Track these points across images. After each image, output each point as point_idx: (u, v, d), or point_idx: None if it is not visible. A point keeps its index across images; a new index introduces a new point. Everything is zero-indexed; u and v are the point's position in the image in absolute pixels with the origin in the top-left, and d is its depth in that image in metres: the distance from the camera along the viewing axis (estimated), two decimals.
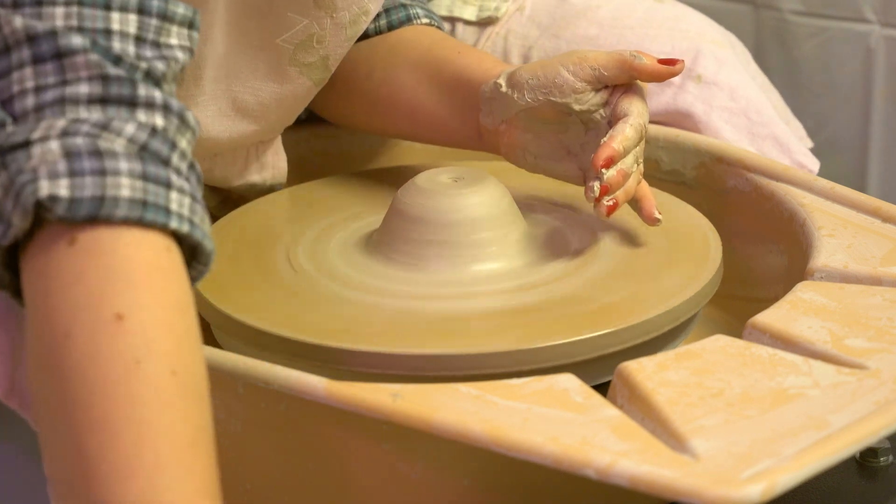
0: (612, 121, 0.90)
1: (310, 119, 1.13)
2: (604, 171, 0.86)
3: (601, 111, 0.91)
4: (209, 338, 0.91)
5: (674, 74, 0.89)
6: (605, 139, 0.87)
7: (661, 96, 1.10)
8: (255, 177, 1.02)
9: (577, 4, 1.16)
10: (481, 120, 0.95)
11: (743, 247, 1.00)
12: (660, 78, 0.89)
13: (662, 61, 0.89)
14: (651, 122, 1.10)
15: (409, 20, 1.04)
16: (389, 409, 0.71)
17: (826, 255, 0.87)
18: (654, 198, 0.91)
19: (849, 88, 1.55)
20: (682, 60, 0.89)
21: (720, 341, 0.77)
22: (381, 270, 0.90)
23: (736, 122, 1.10)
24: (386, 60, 1.02)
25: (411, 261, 0.90)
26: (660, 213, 0.90)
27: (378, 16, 1.03)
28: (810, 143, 1.26)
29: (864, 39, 1.52)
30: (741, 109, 1.10)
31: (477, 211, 0.90)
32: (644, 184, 0.91)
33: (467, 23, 1.19)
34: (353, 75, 1.04)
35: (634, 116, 0.88)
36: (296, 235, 0.95)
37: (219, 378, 0.78)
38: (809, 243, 0.90)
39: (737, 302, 0.99)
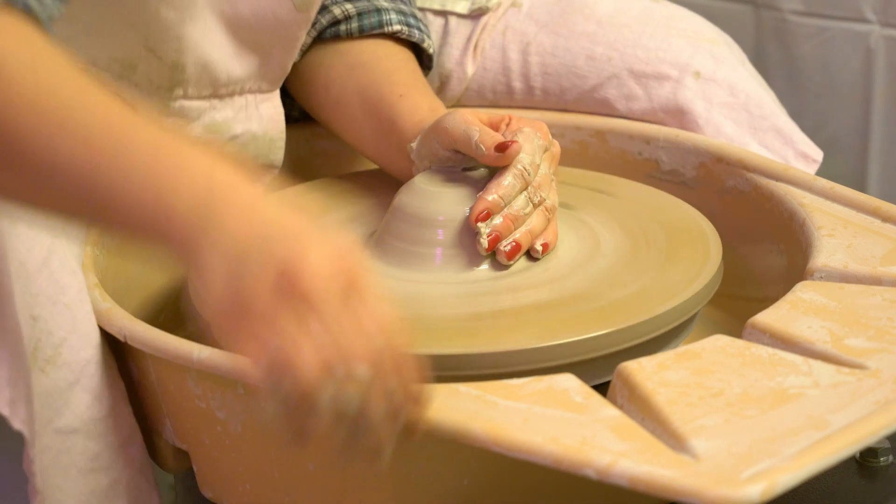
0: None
1: (309, 119, 1.13)
2: (480, 225, 0.87)
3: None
4: (209, 338, 0.90)
5: (506, 160, 0.89)
6: (481, 193, 0.88)
7: (660, 91, 1.10)
8: (256, 126, 1.03)
9: (575, 1, 1.16)
10: (413, 172, 0.96)
11: (743, 247, 1.00)
12: (495, 163, 0.89)
13: (497, 147, 0.89)
14: (652, 119, 1.11)
15: (380, 26, 1.05)
16: None
17: (826, 254, 0.87)
18: (553, 236, 0.91)
19: (849, 88, 1.55)
20: (516, 142, 0.89)
21: (720, 341, 0.77)
22: (380, 270, 0.90)
23: (737, 118, 1.10)
24: (343, 79, 1.04)
25: (411, 261, 0.90)
26: (541, 246, 0.90)
27: (350, 18, 1.04)
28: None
29: (864, 39, 1.52)
30: (741, 104, 1.10)
31: None
32: (551, 223, 0.91)
33: (460, 16, 1.19)
34: (314, 81, 1.06)
35: (513, 164, 0.89)
36: None
37: (219, 378, 0.78)
38: (809, 243, 0.90)
39: (737, 302, 0.99)
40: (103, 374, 0.84)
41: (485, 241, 0.87)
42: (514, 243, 0.88)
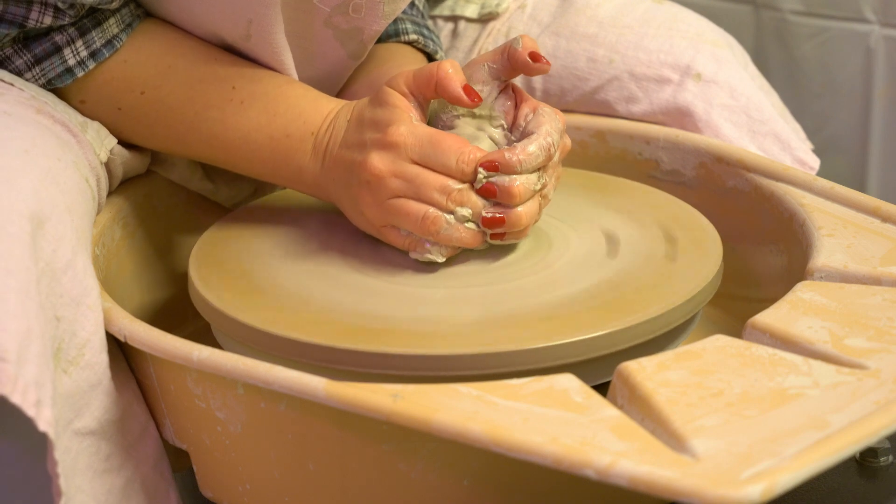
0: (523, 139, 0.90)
1: None
2: (481, 170, 0.86)
3: (503, 122, 0.91)
4: (209, 338, 0.91)
5: (538, 70, 0.89)
6: (504, 148, 0.87)
7: (660, 94, 1.10)
8: None
9: (577, 3, 1.16)
10: None
11: (743, 247, 1.00)
12: (526, 69, 0.89)
13: (531, 55, 0.89)
14: (651, 121, 1.11)
15: (396, 35, 1.06)
16: (389, 409, 0.71)
17: (826, 254, 0.87)
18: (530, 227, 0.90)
19: (849, 88, 1.55)
20: (549, 63, 0.89)
21: (720, 341, 0.77)
22: (380, 268, 0.90)
23: (736, 120, 1.10)
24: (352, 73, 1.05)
25: (411, 259, 0.90)
26: (497, 236, 0.89)
27: None
28: (810, 145, 1.26)
29: (864, 39, 1.52)
30: (741, 107, 1.10)
31: None
32: (538, 214, 0.90)
33: (469, 20, 1.19)
34: None
35: (542, 136, 0.88)
36: (295, 236, 0.95)
37: (219, 378, 0.78)
38: (809, 243, 0.90)
39: (737, 302, 0.99)
40: (119, 376, 0.84)
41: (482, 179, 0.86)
42: (492, 214, 0.87)
